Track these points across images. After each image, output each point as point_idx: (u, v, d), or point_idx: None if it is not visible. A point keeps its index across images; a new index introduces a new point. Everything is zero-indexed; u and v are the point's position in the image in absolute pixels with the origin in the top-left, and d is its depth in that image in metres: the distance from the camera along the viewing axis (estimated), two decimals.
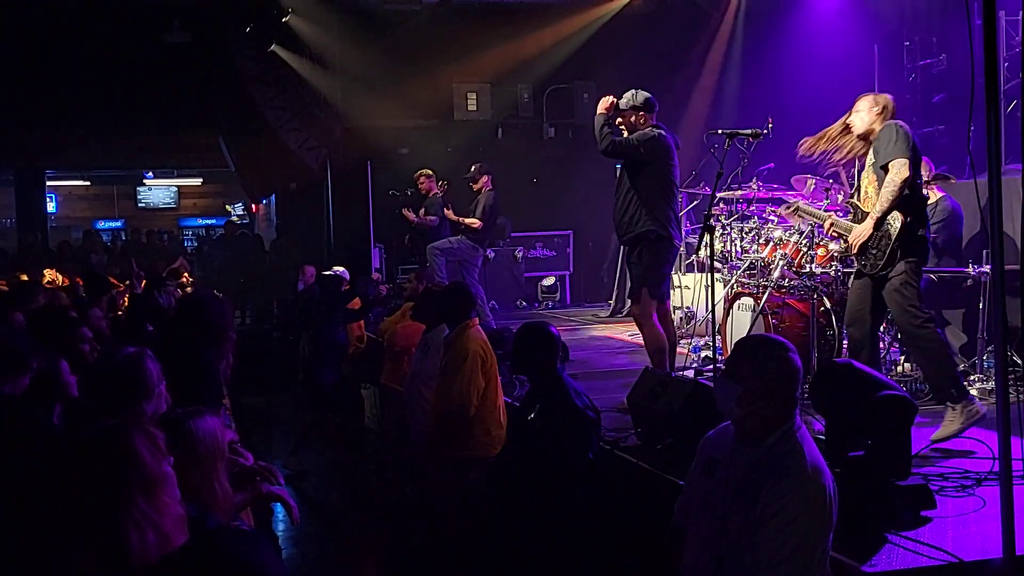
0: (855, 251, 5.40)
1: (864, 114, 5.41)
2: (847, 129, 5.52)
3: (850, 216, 5.64)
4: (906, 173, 5.15)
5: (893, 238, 5.21)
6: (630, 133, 6.50)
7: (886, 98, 5.44)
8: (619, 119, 6.50)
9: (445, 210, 10.55)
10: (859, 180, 5.67)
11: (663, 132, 6.49)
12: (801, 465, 3.00)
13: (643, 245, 6.43)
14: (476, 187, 10.33)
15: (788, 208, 6.57)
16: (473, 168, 10.44)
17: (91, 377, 3.68)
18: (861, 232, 5.32)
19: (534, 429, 4.84)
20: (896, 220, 5.21)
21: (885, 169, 5.21)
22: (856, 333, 5.48)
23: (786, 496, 2.94)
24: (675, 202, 6.59)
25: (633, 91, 6.56)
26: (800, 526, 2.93)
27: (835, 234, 5.89)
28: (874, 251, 5.31)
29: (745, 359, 3.17)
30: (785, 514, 2.93)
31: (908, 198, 5.22)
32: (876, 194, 5.29)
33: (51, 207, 25.46)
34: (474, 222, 10.03)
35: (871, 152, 5.38)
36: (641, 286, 6.43)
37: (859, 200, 5.54)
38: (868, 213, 5.36)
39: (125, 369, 3.45)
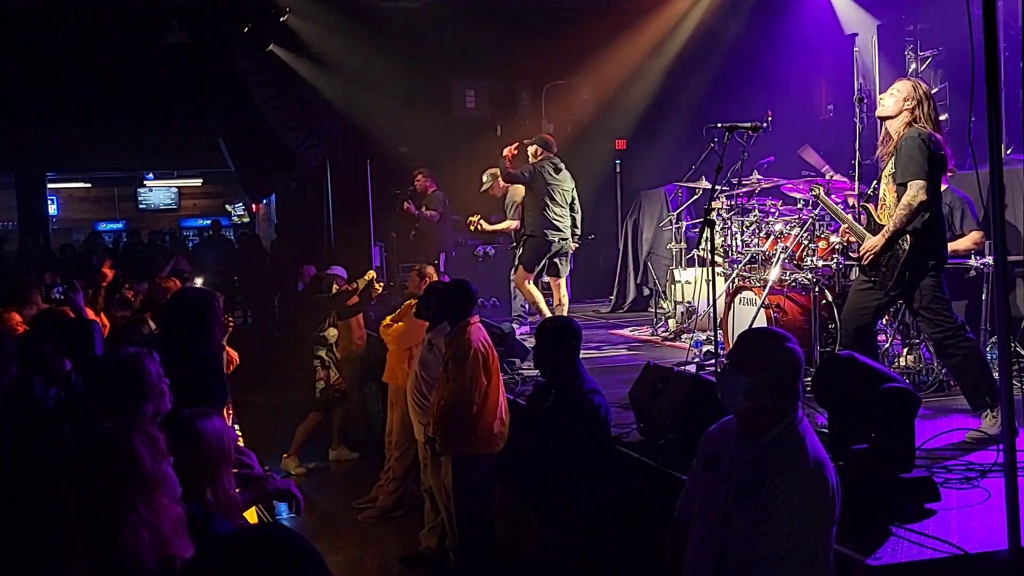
0: (866, 263, 5.36)
1: (899, 97, 5.24)
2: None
3: (866, 222, 5.54)
4: (923, 197, 5.09)
5: (901, 260, 5.18)
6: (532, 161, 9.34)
7: (926, 92, 5.27)
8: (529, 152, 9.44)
9: (483, 223, 10.38)
10: (878, 185, 5.54)
11: (545, 164, 9.22)
12: (804, 458, 2.99)
13: (526, 238, 9.28)
14: (498, 192, 10.33)
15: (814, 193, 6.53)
16: (487, 174, 10.48)
17: (93, 378, 3.68)
18: (872, 246, 5.28)
19: (547, 419, 4.90)
20: (905, 243, 5.17)
21: (903, 186, 5.16)
22: (850, 327, 5.47)
23: (789, 490, 2.93)
24: (551, 210, 9.16)
25: (536, 136, 9.63)
26: (803, 519, 2.92)
27: (849, 238, 5.81)
28: (884, 268, 5.27)
29: (753, 351, 3.15)
30: (788, 508, 2.92)
31: (922, 220, 5.15)
32: (894, 205, 5.23)
33: (52, 209, 25.46)
34: (512, 224, 10.06)
35: (892, 161, 5.27)
36: (521, 263, 9.30)
37: (876, 206, 5.46)
38: (880, 223, 5.32)
39: (126, 369, 3.45)
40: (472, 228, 10.40)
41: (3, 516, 3.79)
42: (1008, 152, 7.57)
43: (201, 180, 28.37)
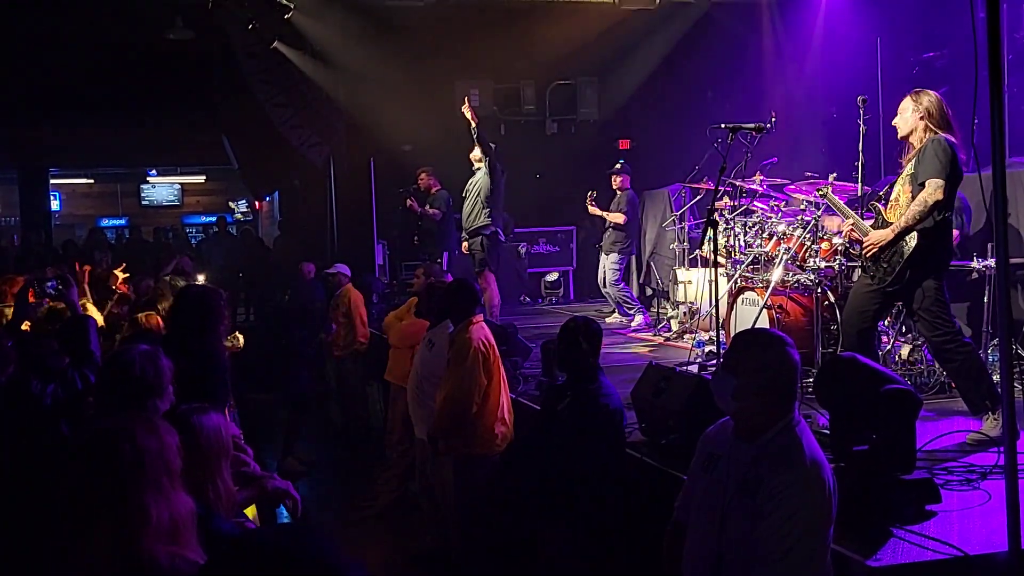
0: (867, 256, 5.36)
1: (908, 115, 5.31)
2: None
3: (873, 220, 5.54)
4: (940, 196, 5.09)
5: (904, 257, 5.18)
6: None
7: (929, 99, 5.28)
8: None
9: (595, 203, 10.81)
10: (893, 186, 5.55)
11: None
12: (801, 459, 2.99)
13: (482, 236, 9.43)
14: (616, 185, 10.79)
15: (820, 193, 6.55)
16: (618, 165, 10.87)
17: (106, 373, 3.67)
18: (877, 239, 5.27)
19: (560, 421, 4.92)
20: (912, 240, 5.17)
21: (923, 185, 5.16)
22: (851, 329, 5.46)
23: (786, 490, 2.93)
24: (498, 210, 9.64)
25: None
26: (800, 520, 2.93)
27: (853, 235, 5.80)
28: (885, 264, 5.27)
29: (742, 352, 3.16)
30: (785, 508, 2.92)
31: (934, 220, 5.16)
32: (907, 205, 5.23)
33: (54, 205, 25.50)
34: (617, 216, 10.58)
35: (912, 163, 5.29)
36: (484, 267, 9.49)
37: (887, 206, 5.46)
38: (889, 221, 5.31)
39: (141, 366, 3.45)
40: (588, 204, 10.89)
41: (2, 515, 3.79)
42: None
43: (204, 177, 28.43)
